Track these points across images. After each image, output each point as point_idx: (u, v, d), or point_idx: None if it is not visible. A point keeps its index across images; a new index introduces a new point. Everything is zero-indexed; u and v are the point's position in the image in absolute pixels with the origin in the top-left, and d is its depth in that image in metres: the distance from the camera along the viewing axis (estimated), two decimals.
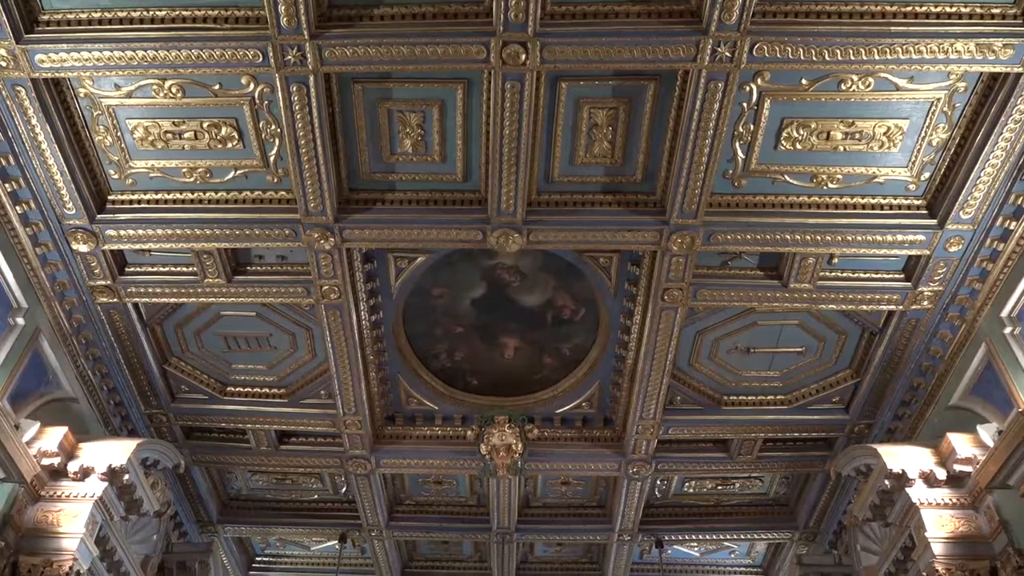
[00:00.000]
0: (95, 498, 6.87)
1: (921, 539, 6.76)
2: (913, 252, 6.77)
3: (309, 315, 7.68)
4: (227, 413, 8.74)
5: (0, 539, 6.44)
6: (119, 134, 6.15)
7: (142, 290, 7.31)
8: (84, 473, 6.94)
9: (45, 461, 6.80)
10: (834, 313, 7.59)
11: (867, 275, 7.14)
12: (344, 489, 10.29)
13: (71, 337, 7.38)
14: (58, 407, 7.40)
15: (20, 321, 6.64)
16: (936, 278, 6.92)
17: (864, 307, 7.32)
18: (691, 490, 10.21)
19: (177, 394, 8.61)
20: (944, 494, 6.85)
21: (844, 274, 7.15)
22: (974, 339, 7.05)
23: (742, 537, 10.67)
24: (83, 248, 6.77)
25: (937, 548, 6.61)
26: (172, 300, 7.48)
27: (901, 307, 7.23)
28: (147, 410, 8.63)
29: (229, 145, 6.20)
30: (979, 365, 6.97)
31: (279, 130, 6.01)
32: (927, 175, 6.35)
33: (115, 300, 7.33)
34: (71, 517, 6.81)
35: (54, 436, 6.86)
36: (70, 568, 6.60)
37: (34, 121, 5.79)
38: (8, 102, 5.69)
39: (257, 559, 11.82)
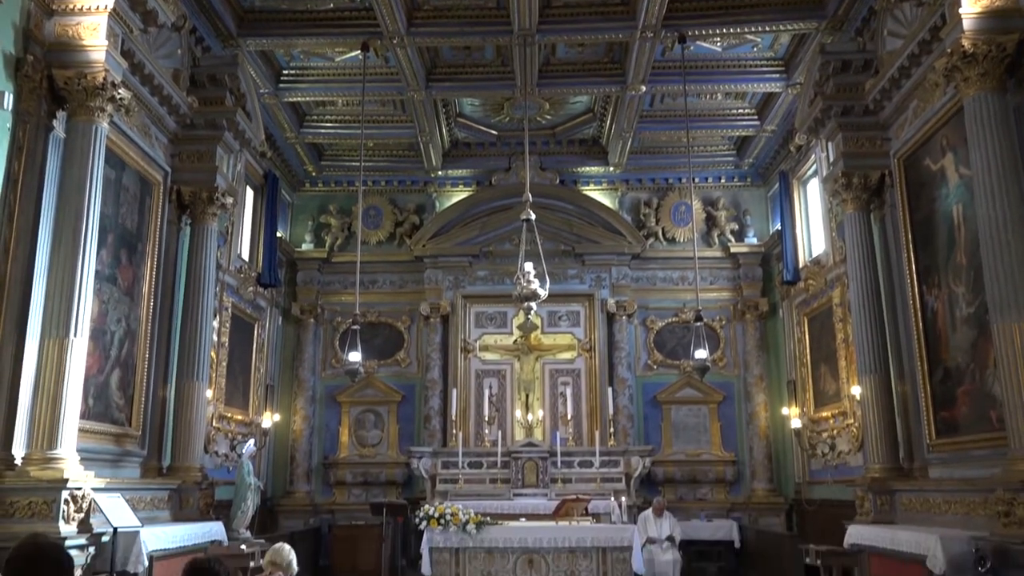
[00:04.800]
0: (108, 9, 6.77)
1: (954, 16, 6.60)
2: None
3: None
4: None
5: (28, 53, 6.53)
6: None
7: None
8: None
9: None
10: None
11: None
12: None
13: None
14: None
15: None
16: None
17: None
18: None
19: None
20: None
21: None
22: None
23: (767, 29, 10.46)
24: None
25: (967, 23, 6.47)
26: None
27: None
28: None
29: None
30: None
31: None
32: None
33: None
34: (91, 30, 6.81)
35: None
36: (104, 79, 6.77)
37: None
38: None
39: (284, 72, 12.00)
